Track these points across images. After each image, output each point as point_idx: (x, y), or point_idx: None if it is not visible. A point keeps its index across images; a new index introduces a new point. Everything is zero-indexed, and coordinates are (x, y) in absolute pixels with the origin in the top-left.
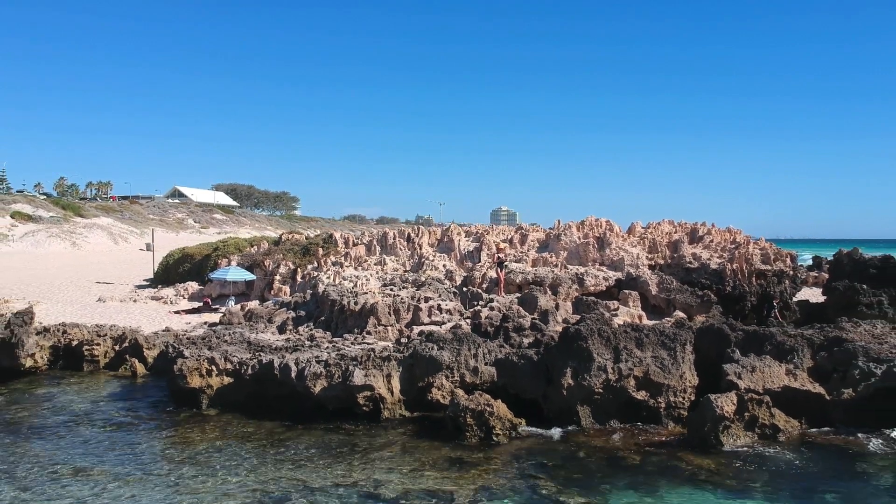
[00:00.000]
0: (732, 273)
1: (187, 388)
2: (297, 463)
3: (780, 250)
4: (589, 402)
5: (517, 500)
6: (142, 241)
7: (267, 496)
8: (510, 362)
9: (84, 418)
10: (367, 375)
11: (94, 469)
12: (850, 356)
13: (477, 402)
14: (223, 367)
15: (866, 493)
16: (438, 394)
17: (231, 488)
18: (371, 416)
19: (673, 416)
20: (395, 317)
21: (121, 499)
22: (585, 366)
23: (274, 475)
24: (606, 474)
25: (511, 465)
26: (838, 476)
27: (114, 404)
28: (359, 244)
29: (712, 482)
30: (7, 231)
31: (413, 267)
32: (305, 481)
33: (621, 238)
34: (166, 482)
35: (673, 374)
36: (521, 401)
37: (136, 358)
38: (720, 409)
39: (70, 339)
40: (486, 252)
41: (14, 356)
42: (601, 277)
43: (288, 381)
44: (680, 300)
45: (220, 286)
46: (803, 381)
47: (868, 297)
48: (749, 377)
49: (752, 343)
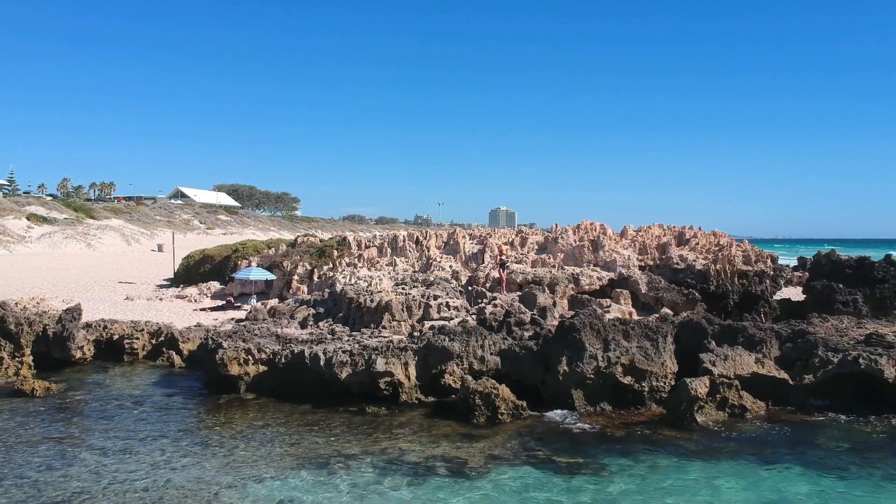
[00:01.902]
0: (716, 273)
1: (227, 375)
2: (330, 436)
3: (761, 252)
4: (582, 386)
5: (519, 465)
6: (152, 243)
7: (310, 461)
8: (513, 352)
9: (137, 401)
10: (387, 363)
11: (158, 441)
12: (812, 346)
13: (485, 386)
14: (258, 356)
15: (820, 460)
16: (450, 379)
17: (278, 456)
18: (391, 400)
19: (655, 398)
20: (407, 313)
21: (188, 466)
22: (579, 355)
23: (312, 446)
24: (596, 445)
25: (514, 438)
26: (797, 446)
27: (160, 390)
28: (371, 246)
29: (686, 450)
30: (24, 232)
31: (421, 267)
32: (340, 450)
33: (614, 241)
34: (223, 451)
35: (655, 362)
36: (522, 386)
37: (173, 350)
38: (695, 390)
39: (111, 333)
40: (489, 254)
41: (66, 348)
42: (595, 277)
43: (317, 369)
44: (667, 298)
45: (241, 285)
46: (770, 368)
47: (844, 296)
48: (722, 364)
49: (727, 335)
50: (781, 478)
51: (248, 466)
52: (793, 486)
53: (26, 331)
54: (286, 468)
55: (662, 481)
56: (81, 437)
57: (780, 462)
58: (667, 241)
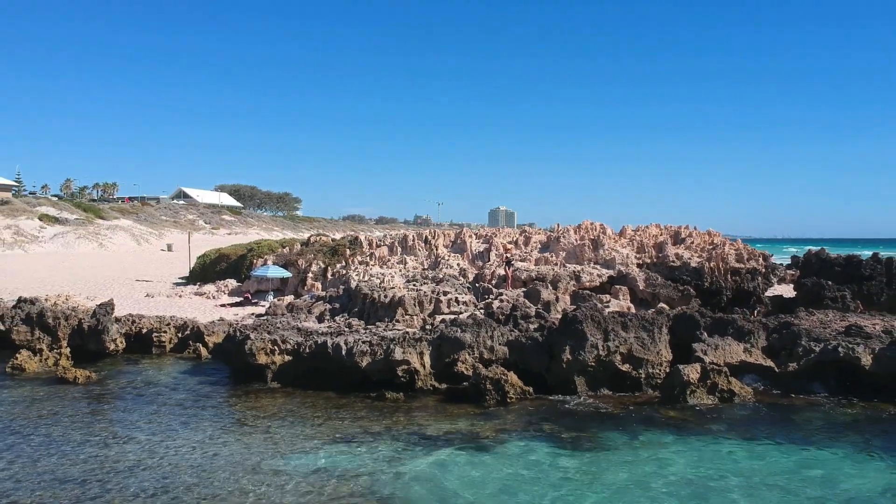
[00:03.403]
0: (710, 271)
1: (255, 364)
2: (355, 417)
3: (753, 251)
4: (584, 373)
5: (528, 438)
6: (161, 242)
7: (339, 437)
8: (519, 343)
9: (172, 388)
10: (404, 352)
11: (198, 422)
12: (796, 337)
13: (495, 373)
14: (283, 347)
15: (801, 436)
16: (462, 367)
17: (310, 433)
18: (407, 386)
19: (651, 384)
20: (419, 308)
21: (229, 443)
22: (581, 344)
23: (340, 424)
24: (596, 422)
25: (522, 417)
26: (780, 424)
27: (191, 378)
28: (382, 245)
29: (678, 427)
30: (37, 233)
31: (430, 265)
32: (366, 427)
33: (613, 240)
34: (259, 430)
35: (651, 351)
36: (528, 374)
37: (199, 343)
38: (687, 376)
39: (140, 327)
40: (495, 252)
41: (100, 340)
42: (595, 275)
43: (339, 358)
44: (664, 294)
45: (258, 283)
46: (757, 357)
47: (832, 292)
48: (713, 353)
49: (718, 327)
50: (764, 450)
51: (284, 442)
52: (774, 457)
53: (63, 324)
54: (319, 442)
55: (656, 453)
56: (128, 418)
57: (764, 437)
58: (663, 240)
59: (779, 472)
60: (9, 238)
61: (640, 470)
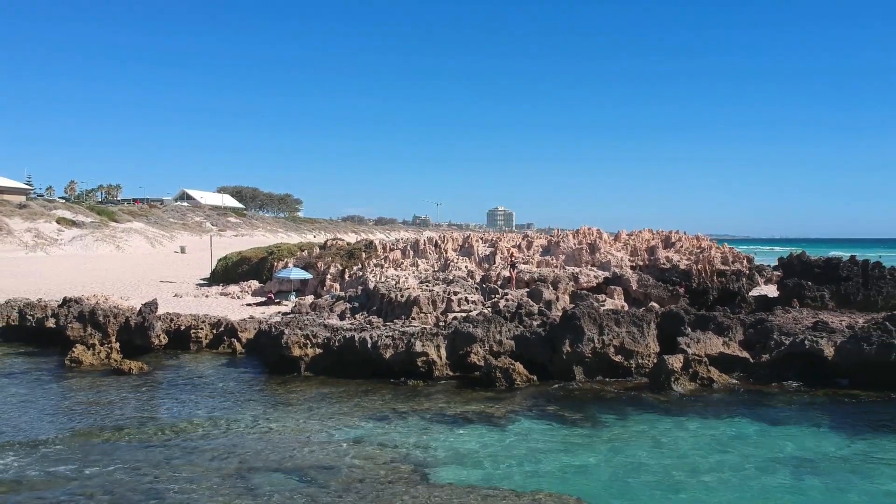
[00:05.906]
0: (698, 272)
1: (290, 356)
2: (384, 400)
3: (739, 253)
4: (581, 363)
5: (534, 417)
6: (173, 244)
7: (372, 415)
8: (525, 337)
9: (217, 378)
10: (423, 345)
11: (248, 404)
12: (769, 332)
13: (503, 363)
14: (315, 340)
15: (769, 415)
16: (475, 358)
17: (346, 412)
18: (426, 375)
19: (641, 372)
20: (432, 306)
21: (280, 419)
22: (579, 338)
23: (370, 405)
24: (592, 404)
25: (529, 399)
26: (753, 406)
27: (231, 370)
28: (395, 249)
29: (663, 409)
30: (56, 235)
31: (441, 267)
32: (394, 408)
33: (609, 244)
34: (302, 410)
35: (641, 344)
36: (533, 364)
37: (234, 338)
38: (671, 365)
39: (178, 324)
40: (500, 256)
41: (146, 336)
42: (592, 276)
43: (365, 351)
44: (655, 294)
45: (279, 283)
46: (734, 349)
47: (812, 292)
48: (695, 346)
49: (701, 323)
50: (739, 427)
51: (325, 419)
52: (748, 432)
53: (112, 321)
54: (356, 419)
55: (645, 430)
56: (187, 399)
57: (738, 416)
58: (655, 244)
59: (751, 444)
60: (30, 241)
61: (630, 442)
